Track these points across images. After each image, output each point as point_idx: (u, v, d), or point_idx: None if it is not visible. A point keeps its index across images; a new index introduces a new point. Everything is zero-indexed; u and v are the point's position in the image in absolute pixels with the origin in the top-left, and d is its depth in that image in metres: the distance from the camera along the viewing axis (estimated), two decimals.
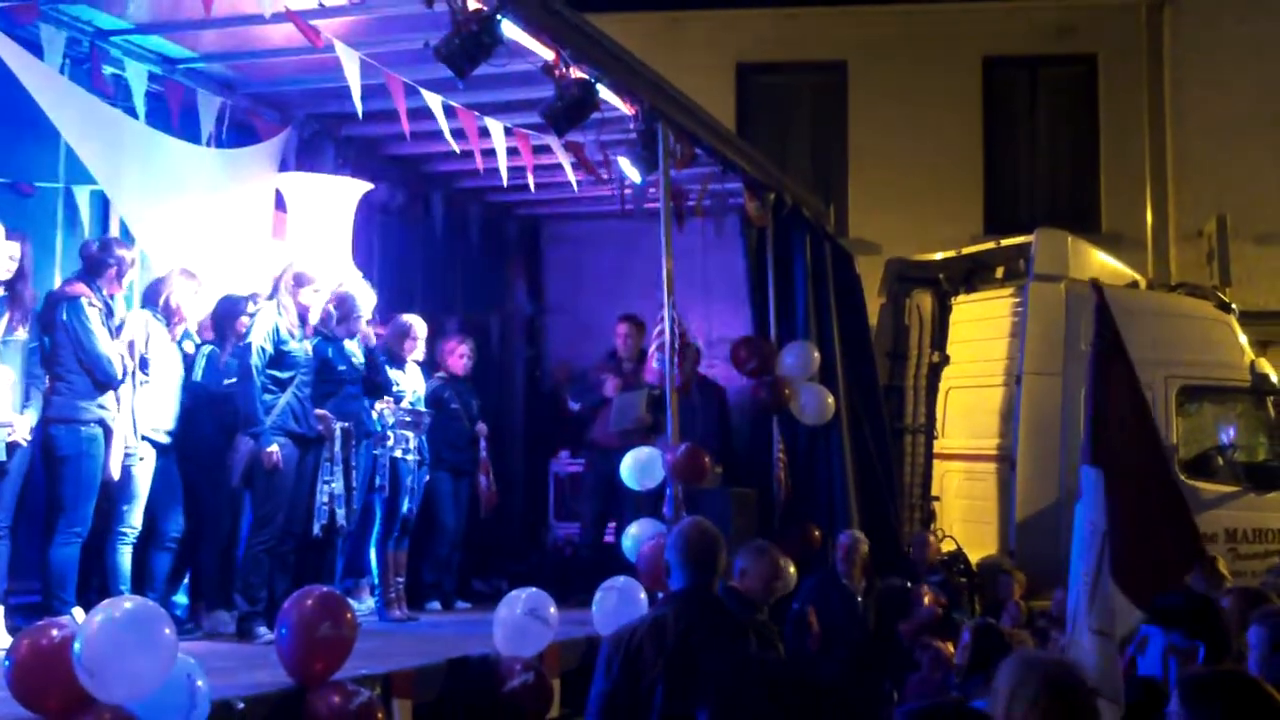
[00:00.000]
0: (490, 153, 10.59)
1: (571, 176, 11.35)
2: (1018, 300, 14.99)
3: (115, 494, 8.49)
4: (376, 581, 10.19)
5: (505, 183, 10.93)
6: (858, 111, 21.12)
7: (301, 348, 9.10)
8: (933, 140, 20.41)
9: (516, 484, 13.98)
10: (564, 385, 13.69)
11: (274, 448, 8.74)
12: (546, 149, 11.00)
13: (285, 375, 8.93)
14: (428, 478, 10.67)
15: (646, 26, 19.14)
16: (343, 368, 9.59)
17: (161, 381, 8.77)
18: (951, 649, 9.25)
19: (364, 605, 9.90)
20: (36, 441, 7.95)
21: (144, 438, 8.61)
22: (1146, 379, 14.27)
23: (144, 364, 8.64)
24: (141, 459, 8.59)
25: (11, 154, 9.19)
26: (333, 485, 9.22)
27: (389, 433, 10.01)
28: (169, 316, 8.94)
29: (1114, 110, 20.90)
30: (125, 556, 8.51)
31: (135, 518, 8.57)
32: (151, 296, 9.07)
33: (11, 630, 7.40)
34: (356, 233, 11.07)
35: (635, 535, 9.92)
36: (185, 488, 8.96)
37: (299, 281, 9.21)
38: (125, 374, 8.36)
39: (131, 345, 8.54)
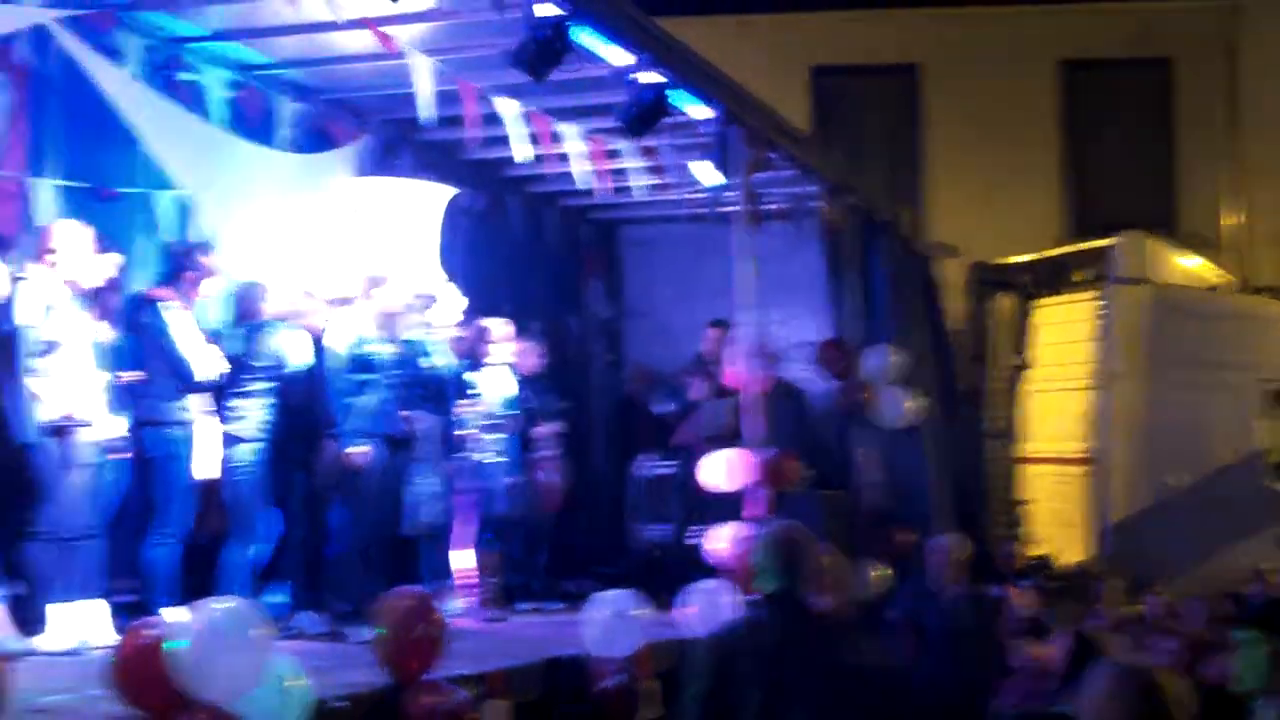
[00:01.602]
0: (564, 158, 10.54)
1: (638, 184, 11.28)
2: (1100, 303, 14.85)
3: (234, 496, 8.55)
4: (466, 582, 10.13)
5: (583, 187, 10.85)
6: (934, 114, 20.98)
7: (384, 350, 9.08)
8: (1010, 143, 20.23)
9: (600, 487, 13.91)
10: (645, 389, 13.60)
11: (356, 449, 8.74)
12: (619, 154, 10.93)
13: (368, 378, 8.93)
14: (515, 479, 10.62)
15: (718, 30, 18.99)
16: (427, 369, 9.57)
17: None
18: (1044, 654, 9.12)
19: (454, 606, 9.83)
20: (130, 443, 7.97)
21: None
22: (1234, 382, 14.35)
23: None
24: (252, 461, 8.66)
25: (92, 160, 9.20)
26: (421, 485, 9.22)
27: (474, 434, 9.94)
28: None
29: (1191, 112, 20.69)
30: (243, 557, 8.54)
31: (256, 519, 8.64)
32: (245, 306, 9.09)
33: (116, 629, 7.44)
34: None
35: (724, 538, 9.81)
36: (281, 488, 8.94)
37: (375, 283, 9.20)
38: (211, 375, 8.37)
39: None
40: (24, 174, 8.77)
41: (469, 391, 10.17)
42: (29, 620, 7.24)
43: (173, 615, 7.13)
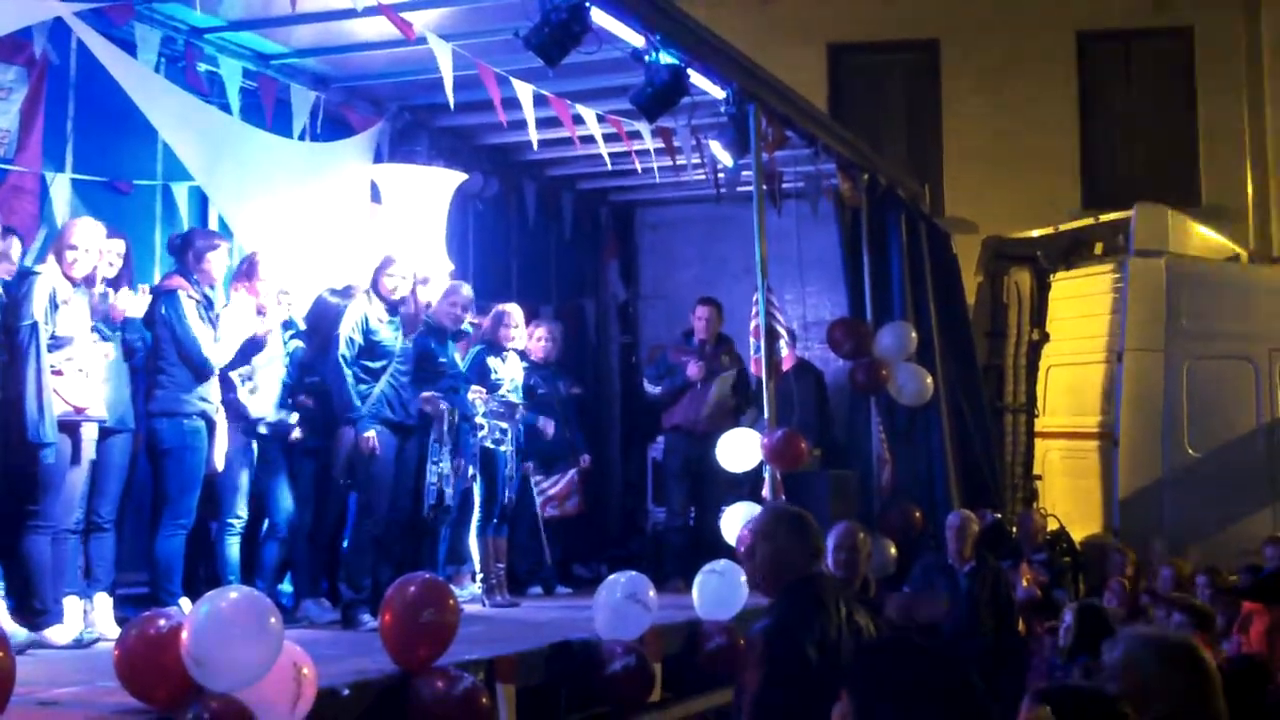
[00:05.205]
0: (585, 140, 10.57)
1: (655, 165, 11.29)
2: (1118, 276, 14.85)
3: (222, 484, 8.57)
4: (477, 568, 10.22)
5: (601, 169, 10.83)
6: (951, 89, 20.83)
7: (394, 336, 9.09)
8: (1028, 117, 20.05)
9: (614, 469, 14.00)
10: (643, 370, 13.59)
11: (371, 434, 8.74)
12: (636, 135, 10.96)
13: (377, 365, 8.94)
14: (524, 465, 10.66)
15: (736, 9, 18.99)
16: (443, 360, 9.63)
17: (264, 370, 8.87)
18: (1054, 628, 9.20)
19: (465, 592, 9.93)
20: (140, 434, 8.03)
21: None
22: (1249, 353, 14.34)
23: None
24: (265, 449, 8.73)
25: (109, 152, 9.30)
26: (441, 466, 9.24)
27: (483, 421, 9.99)
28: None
29: (1212, 82, 20.43)
30: (234, 547, 8.58)
31: (242, 508, 8.67)
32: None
33: (119, 621, 7.52)
34: (451, 223, 11.11)
35: (735, 519, 9.86)
36: (290, 477, 9.01)
37: (383, 267, 9.24)
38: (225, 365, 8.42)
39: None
40: (40, 168, 8.89)
41: (483, 377, 10.24)
42: (36, 613, 7.28)
43: (184, 606, 7.30)
